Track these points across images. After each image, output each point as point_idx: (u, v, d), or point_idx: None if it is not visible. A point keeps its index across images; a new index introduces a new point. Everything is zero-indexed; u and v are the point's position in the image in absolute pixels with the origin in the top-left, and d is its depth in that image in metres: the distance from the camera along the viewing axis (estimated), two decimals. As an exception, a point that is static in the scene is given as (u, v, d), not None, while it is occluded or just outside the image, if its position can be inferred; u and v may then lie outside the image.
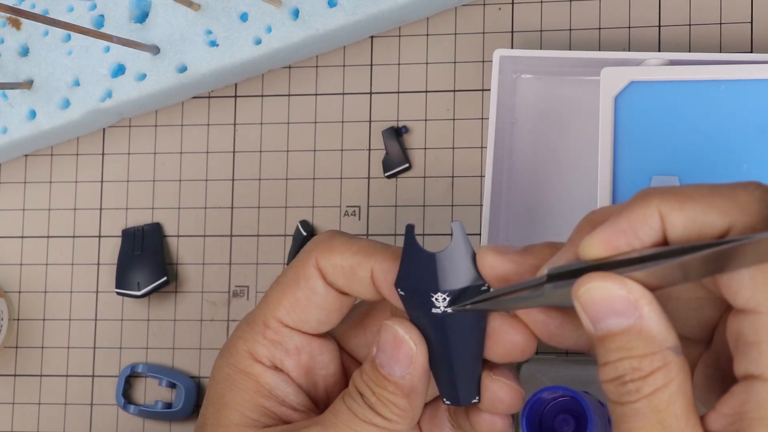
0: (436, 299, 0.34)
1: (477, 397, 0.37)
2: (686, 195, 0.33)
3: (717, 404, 0.32)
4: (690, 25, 0.60)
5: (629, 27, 0.61)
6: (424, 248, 0.34)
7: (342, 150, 0.64)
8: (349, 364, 0.42)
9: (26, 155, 0.68)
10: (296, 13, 0.61)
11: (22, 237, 0.68)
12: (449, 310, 0.34)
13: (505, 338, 0.36)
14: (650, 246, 0.32)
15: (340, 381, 0.41)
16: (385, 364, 0.36)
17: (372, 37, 0.64)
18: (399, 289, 0.35)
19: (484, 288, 0.34)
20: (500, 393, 0.38)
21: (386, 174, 0.63)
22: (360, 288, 0.38)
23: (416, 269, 0.34)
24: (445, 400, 0.38)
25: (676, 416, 0.31)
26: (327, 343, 0.40)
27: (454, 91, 0.63)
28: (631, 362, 0.32)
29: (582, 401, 0.52)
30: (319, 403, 0.41)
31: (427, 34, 0.63)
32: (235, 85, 0.66)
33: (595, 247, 0.33)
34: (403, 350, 0.36)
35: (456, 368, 0.36)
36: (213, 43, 0.62)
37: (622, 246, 0.32)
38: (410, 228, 0.34)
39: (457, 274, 0.34)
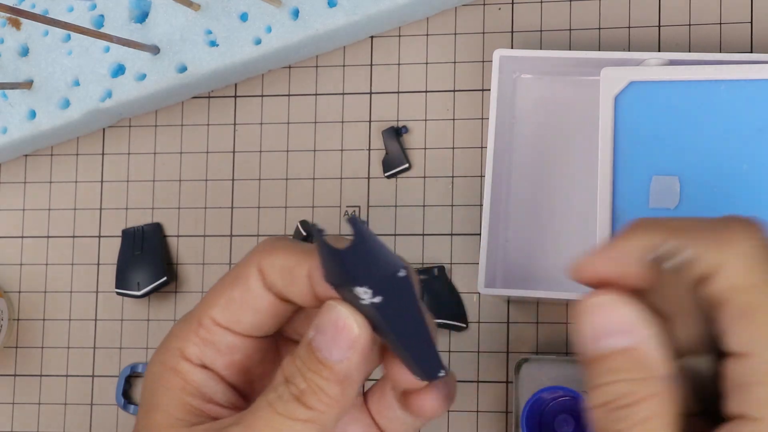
0: (359, 293, 0.33)
1: (442, 371, 0.36)
2: (675, 231, 0.33)
3: None
4: (690, 25, 0.60)
5: (629, 27, 0.61)
6: (334, 246, 0.34)
7: (342, 150, 0.64)
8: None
9: (26, 155, 0.68)
10: (296, 13, 0.61)
11: (22, 237, 0.68)
12: (376, 300, 0.33)
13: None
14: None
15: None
16: (323, 347, 0.35)
17: (372, 37, 0.64)
18: (329, 284, 0.35)
19: (401, 275, 0.33)
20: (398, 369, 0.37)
21: (386, 174, 0.63)
22: (297, 289, 0.37)
23: (332, 266, 0.34)
24: (415, 377, 0.37)
25: None
26: (265, 343, 0.40)
27: (454, 91, 0.63)
28: (623, 386, 0.31)
29: (581, 401, 0.52)
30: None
31: (427, 34, 0.63)
32: (235, 85, 0.66)
33: (584, 271, 0.33)
34: (345, 333, 0.35)
35: (409, 349, 0.35)
36: (213, 43, 0.62)
37: (611, 271, 0.33)
38: (316, 229, 0.34)
39: (368, 268, 0.33)
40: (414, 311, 0.34)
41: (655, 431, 0.31)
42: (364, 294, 0.33)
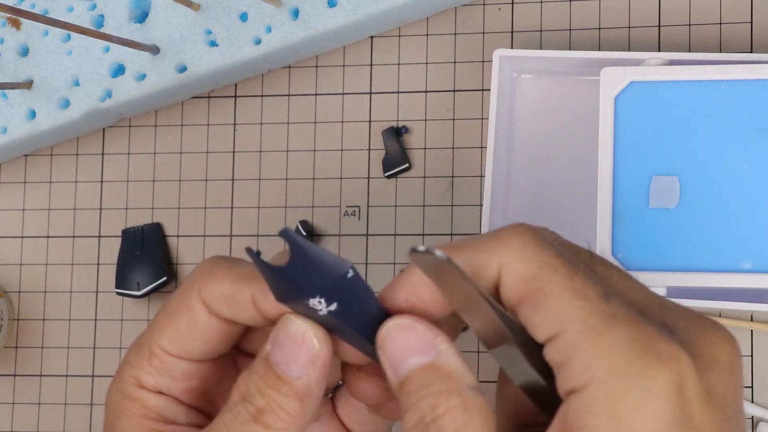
0: (314, 304, 0.33)
1: None
2: (457, 246, 0.34)
3: None
4: (690, 25, 0.60)
5: (629, 27, 0.61)
6: (274, 265, 0.33)
7: (342, 150, 0.64)
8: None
9: (26, 155, 0.68)
10: (296, 13, 0.61)
11: (22, 237, 0.68)
12: (332, 308, 0.33)
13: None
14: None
15: None
16: (281, 362, 0.33)
17: (372, 37, 0.64)
18: (281, 302, 0.34)
19: (350, 275, 0.33)
20: (362, 384, 0.37)
21: (386, 174, 0.63)
22: (244, 314, 0.36)
23: (279, 285, 0.33)
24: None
25: None
26: (221, 362, 0.39)
27: (454, 91, 0.63)
28: (429, 400, 0.31)
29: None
30: None
31: (427, 34, 0.63)
32: (235, 85, 0.66)
33: (386, 302, 0.34)
34: (304, 347, 0.33)
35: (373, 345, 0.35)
36: (213, 43, 0.62)
37: (415, 301, 0.33)
38: (252, 253, 0.33)
39: (314, 277, 0.32)
40: (371, 307, 0.34)
41: None
42: (319, 304, 0.32)
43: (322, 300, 0.33)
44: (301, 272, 0.32)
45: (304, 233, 0.63)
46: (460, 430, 0.31)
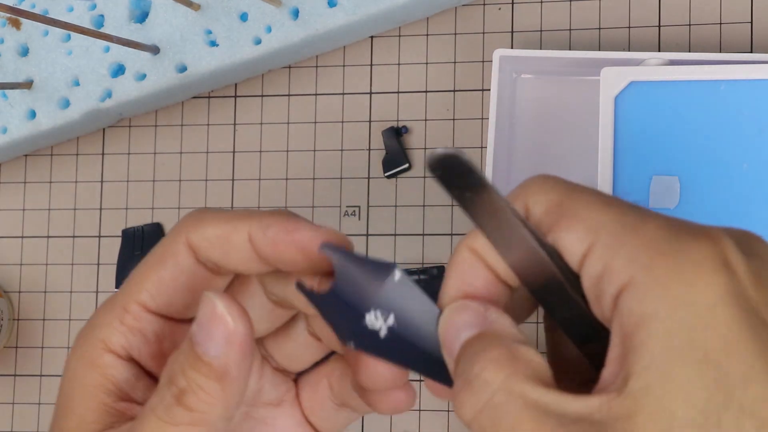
0: (373, 322, 0.31)
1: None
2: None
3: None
4: (690, 25, 0.60)
5: (629, 27, 0.61)
6: (321, 294, 0.32)
7: (342, 150, 0.64)
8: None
9: (26, 155, 0.68)
10: (296, 13, 0.61)
11: (22, 237, 0.68)
12: (391, 322, 0.31)
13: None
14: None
15: None
16: (201, 342, 0.32)
17: (372, 37, 0.64)
18: (347, 341, 0.32)
19: (398, 278, 0.31)
20: (378, 368, 0.34)
21: (386, 174, 0.63)
22: (237, 256, 0.34)
23: (334, 312, 0.32)
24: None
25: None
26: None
27: (454, 91, 0.63)
28: (473, 359, 0.30)
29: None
30: None
31: (427, 34, 0.63)
32: (235, 85, 0.66)
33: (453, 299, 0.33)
34: (220, 327, 0.32)
35: (430, 361, 0.33)
36: (213, 43, 0.62)
37: (474, 290, 0.32)
38: (301, 287, 0.32)
39: (362, 288, 0.31)
40: (430, 313, 0.32)
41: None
42: (376, 321, 0.31)
43: (378, 313, 0.31)
44: (351, 288, 0.31)
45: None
46: (509, 378, 0.29)
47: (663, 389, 0.27)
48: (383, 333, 0.32)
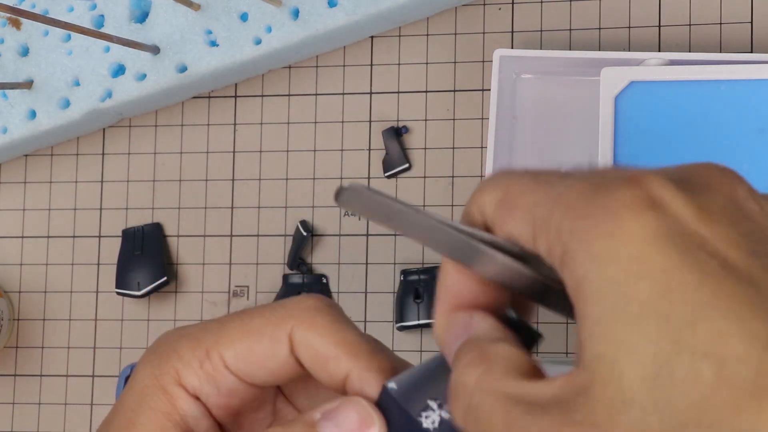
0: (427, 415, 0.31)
1: None
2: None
3: None
4: (690, 25, 0.60)
5: (629, 27, 0.61)
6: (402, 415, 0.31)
7: (342, 150, 0.64)
8: (281, 408, 0.38)
9: (26, 155, 0.68)
10: (296, 13, 0.61)
11: (22, 237, 0.68)
12: (444, 415, 0.30)
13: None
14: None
15: (268, 424, 0.37)
16: None
17: (372, 37, 0.64)
18: None
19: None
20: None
21: (386, 174, 0.63)
22: (325, 378, 0.34)
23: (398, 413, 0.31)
24: None
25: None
26: (264, 391, 0.37)
27: (454, 91, 0.63)
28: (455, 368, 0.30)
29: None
30: None
31: (427, 34, 0.63)
32: (235, 85, 0.66)
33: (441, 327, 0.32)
34: None
35: None
36: (213, 43, 0.62)
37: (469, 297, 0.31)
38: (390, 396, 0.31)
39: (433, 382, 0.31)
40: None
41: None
42: (432, 414, 0.31)
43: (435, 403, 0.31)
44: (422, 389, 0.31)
45: (305, 233, 0.63)
46: (483, 377, 0.28)
47: (610, 354, 0.25)
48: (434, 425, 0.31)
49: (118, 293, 0.65)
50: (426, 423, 0.31)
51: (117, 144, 0.67)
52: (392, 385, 0.32)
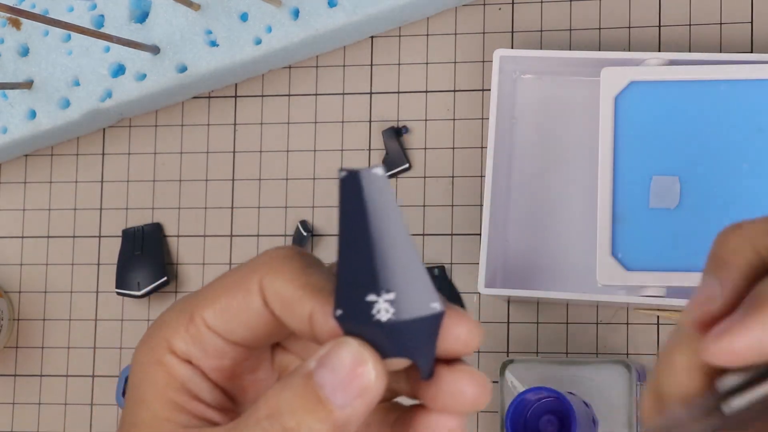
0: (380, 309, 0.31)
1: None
2: None
3: None
4: (690, 25, 0.61)
5: (629, 27, 0.61)
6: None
7: (342, 150, 0.64)
8: (281, 360, 0.38)
9: (26, 155, 0.68)
10: (296, 13, 0.61)
11: (22, 237, 0.68)
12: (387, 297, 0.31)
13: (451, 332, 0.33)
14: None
15: (274, 382, 0.37)
16: (327, 386, 0.31)
17: (372, 37, 0.64)
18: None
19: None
20: (460, 382, 0.33)
21: (386, 174, 0.63)
22: (295, 323, 0.34)
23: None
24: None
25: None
26: (258, 353, 0.37)
27: (454, 91, 0.63)
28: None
29: (566, 402, 0.52)
30: (246, 405, 0.37)
31: (427, 34, 0.63)
32: (235, 85, 0.66)
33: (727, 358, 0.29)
34: (360, 376, 0.31)
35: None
36: (213, 43, 0.62)
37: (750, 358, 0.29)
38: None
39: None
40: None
41: None
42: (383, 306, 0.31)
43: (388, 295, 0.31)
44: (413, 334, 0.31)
45: (305, 233, 0.63)
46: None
47: None
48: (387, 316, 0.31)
49: (118, 293, 0.65)
50: (380, 316, 0.31)
51: (117, 144, 0.67)
52: (338, 311, 0.32)
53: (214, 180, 0.65)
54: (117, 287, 0.65)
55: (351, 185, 0.31)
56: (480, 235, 0.61)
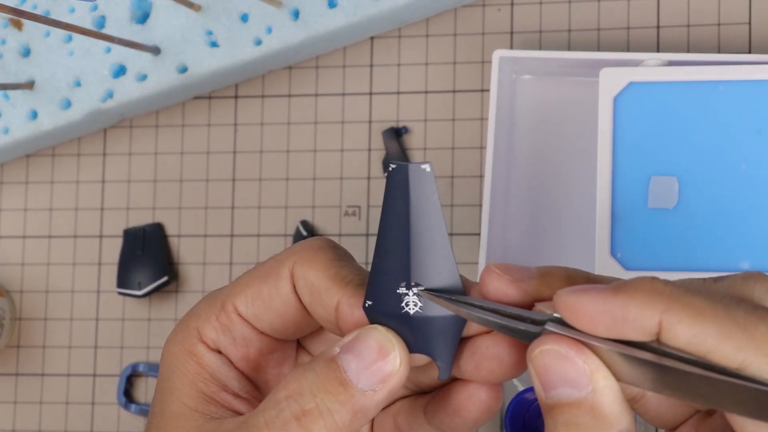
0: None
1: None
2: (698, 310, 0.29)
3: None
4: (689, 26, 0.61)
5: (628, 28, 0.61)
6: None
7: (342, 150, 0.64)
8: (304, 360, 0.38)
9: (28, 155, 0.68)
10: (296, 14, 0.61)
11: (24, 237, 0.68)
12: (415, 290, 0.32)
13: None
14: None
15: None
16: (351, 369, 0.31)
17: (372, 37, 0.64)
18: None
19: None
20: (490, 350, 0.33)
21: (386, 174, 0.63)
22: (321, 312, 0.34)
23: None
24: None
25: None
26: (284, 346, 0.37)
27: (454, 91, 0.63)
28: None
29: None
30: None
31: (427, 35, 0.64)
32: (236, 85, 0.66)
33: (576, 317, 0.30)
34: (385, 363, 0.32)
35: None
36: (214, 44, 0.62)
37: (601, 330, 0.29)
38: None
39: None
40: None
41: None
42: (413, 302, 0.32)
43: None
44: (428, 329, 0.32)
45: (305, 233, 0.63)
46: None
47: None
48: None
49: (120, 293, 0.65)
50: (408, 309, 0.32)
51: (118, 144, 0.67)
52: (368, 302, 0.33)
53: (215, 180, 0.65)
54: (118, 287, 0.65)
55: (398, 178, 0.32)
56: (480, 235, 0.61)
